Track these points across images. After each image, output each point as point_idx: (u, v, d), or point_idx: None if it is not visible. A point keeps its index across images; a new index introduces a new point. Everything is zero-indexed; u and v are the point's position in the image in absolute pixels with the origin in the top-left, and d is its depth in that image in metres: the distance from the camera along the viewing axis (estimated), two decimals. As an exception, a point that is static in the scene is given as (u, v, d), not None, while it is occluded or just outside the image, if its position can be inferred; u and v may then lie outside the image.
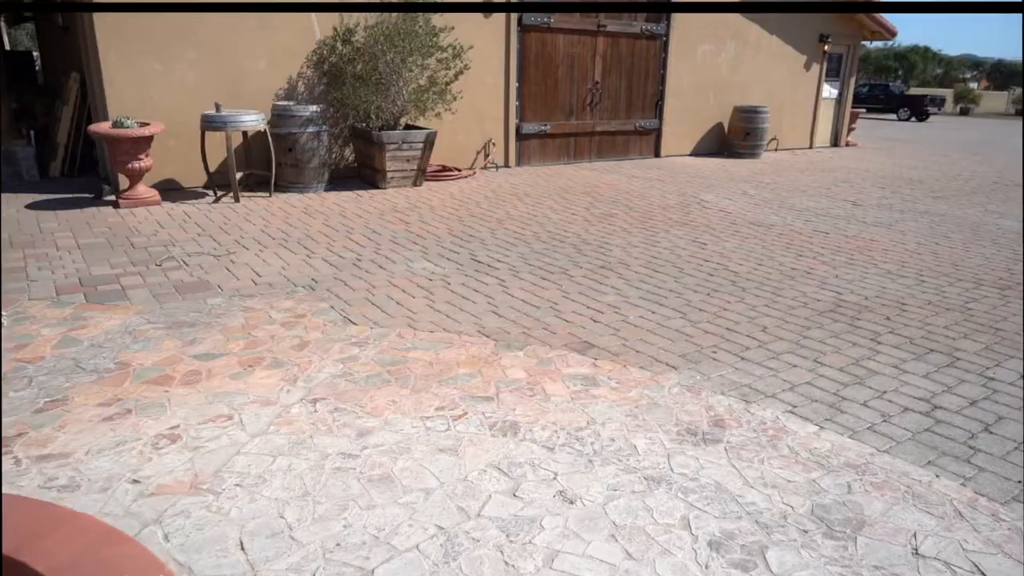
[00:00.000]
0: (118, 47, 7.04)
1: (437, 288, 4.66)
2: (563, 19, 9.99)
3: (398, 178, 8.11)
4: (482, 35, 9.28)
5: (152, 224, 6.18)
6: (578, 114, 10.57)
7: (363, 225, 6.39)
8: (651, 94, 11.33)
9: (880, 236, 6.63)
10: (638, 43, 10.92)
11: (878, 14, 13.45)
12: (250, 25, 7.69)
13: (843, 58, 14.39)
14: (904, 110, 31.78)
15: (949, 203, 8.50)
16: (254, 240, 5.75)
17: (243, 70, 7.76)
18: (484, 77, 9.46)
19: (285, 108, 7.58)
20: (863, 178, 10.43)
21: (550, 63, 10.08)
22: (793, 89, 13.40)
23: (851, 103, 14.84)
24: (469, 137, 9.57)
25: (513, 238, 6.12)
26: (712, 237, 6.40)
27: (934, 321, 4.26)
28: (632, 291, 4.73)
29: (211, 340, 3.61)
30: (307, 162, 7.70)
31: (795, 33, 12.99)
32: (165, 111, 7.37)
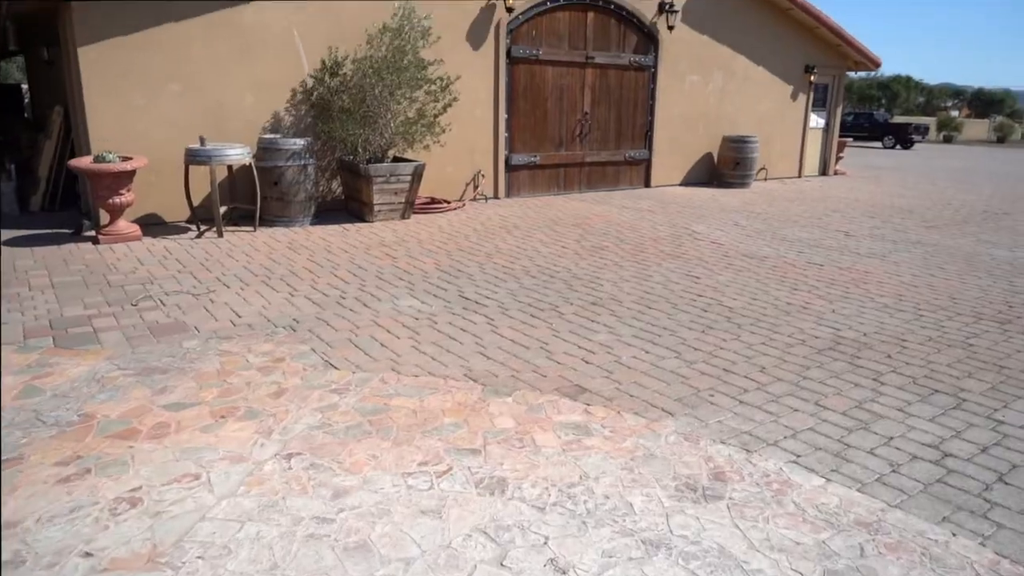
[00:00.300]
0: (101, 81, 6.92)
1: (423, 328, 4.50)
2: (552, 51, 9.99)
3: (386, 211, 7.99)
4: (471, 68, 9.25)
5: (131, 261, 6.00)
6: (568, 145, 10.52)
7: (349, 260, 6.24)
8: (640, 125, 11.32)
9: (874, 268, 6.54)
10: (626, 74, 10.93)
11: (865, 47, 13.58)
12: (235, 57, 7.60)
13: (829, 88, 14.49)
14: (889, 138, 32.16)
15: (941, 233, 8.44)
16: (236, 277, 5.59)
17: (228, 103, 7.66)
18: (473, 109, 9.40)
19: (271, 141, 7.47)
20: (853, 207, 10.39)
21: (539, 95, 10.05)
22: (781, 119, 13.45)
23: (838, 132, 14.92)
24: (458, 169, 9.48)
25: (502, 273, 5.98)
26: (705, 270, 6.28)
27: (936, 359, 4.13)
28: (625, 329, 4.58)
29: (183, 388, 3.42)
30: (293, 196, 7.57)
31: (781, 64, 13.07)
32: (149, 145, 7.24)
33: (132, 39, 7.02)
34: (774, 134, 13.38)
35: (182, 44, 7.29)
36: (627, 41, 10.80)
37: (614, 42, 10.65)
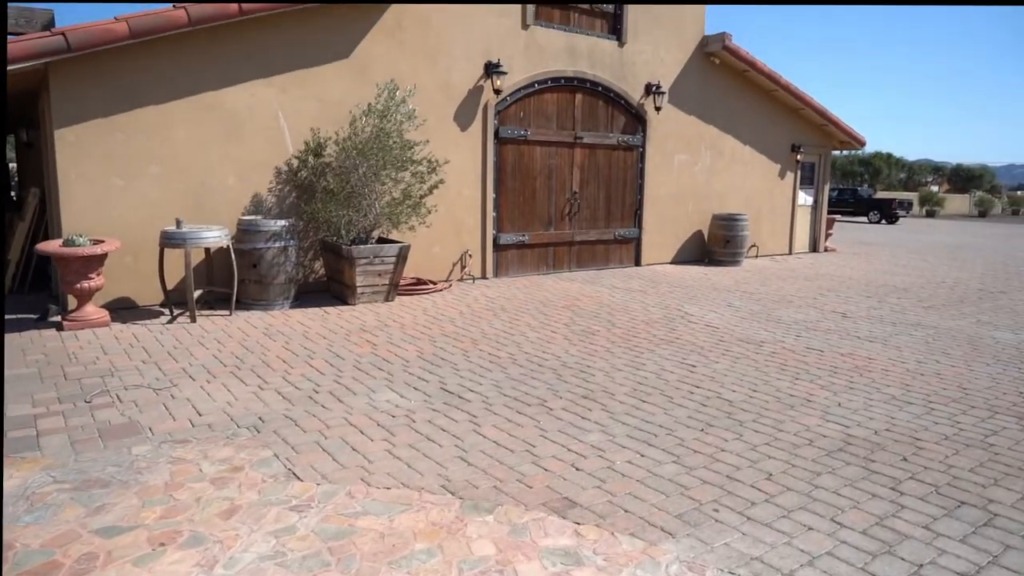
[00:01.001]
0: (78, 163, 6.76)
1: (399, 427, 4.15)
2: (540, 132, 9.99)
3: (369, 293, 7.73)
4: (459, 148, 9.20)
5: (94, 350, 5.66)
6: (557, 224, 10.40)
7: (326, 348, 5.92)
8: (630, 203, 11.26)
9: (876, 353, 6.27)
10: (615, 154, 10.94)
11: (850, 127, 13.78)
12: (219, 139, 7.49)
13: (816, 166, 14.63)
14: (874, 213, 32.61)
15: (940, 314, 8.23)
16: (203, 368, 5.25)
17: (210, 184, 7.50)
18: (461, 189, 9.30)
19: (251, 223, 7.27)
20: (848, 286, 10.23)
21: (528, 174, 10.00)
22: (770, 196, 13.49)
23: (826, 209, 14.97)
24: (445, 249, 9.30)
25: (487, 362, 5.67)
26: (701, 357, 5.99)
27: (957, 463, 3.80)
28: (618, 427, 4.25)
29: (123, 506, 3.04)
30: (272, 278, 7.31)
31: (768, 143, 13.20)
32: (125, 227, 7.02)
33: (112, 120, 6.90)
34: (763, 211, 13.38)
35: (164, 126, 7.18)
36: (615, 121, 10.86)
37: (602, 122, 10.71)
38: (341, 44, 8.11)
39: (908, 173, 68.28)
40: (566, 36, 10.08)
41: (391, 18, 8.42)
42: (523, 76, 9.68)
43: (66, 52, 6.31)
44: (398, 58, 8.53)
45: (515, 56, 9.55)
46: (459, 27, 9.01)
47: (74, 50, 6.34)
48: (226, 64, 7.41)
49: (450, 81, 9.04)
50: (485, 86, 9.34)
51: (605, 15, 10.55)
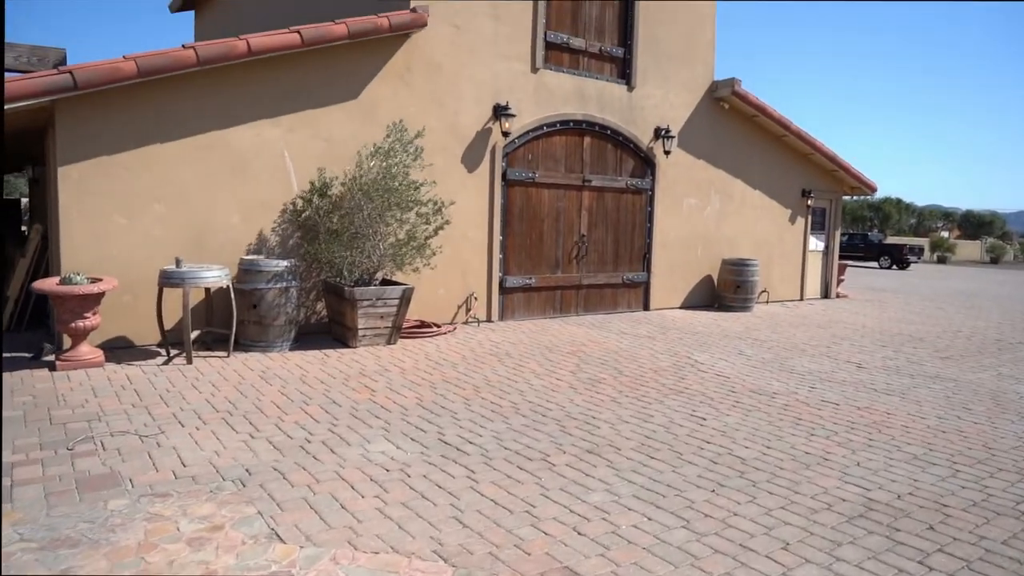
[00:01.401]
0: (80, 201, 6.69)
1: (393, 483, 3.93)
2: (548, 174, 9.93)
3: (370, 336, 7.56)
4: (466, 189, 9.13)
5: (85, 391, 5.50)
6: (564, 267, 10.26)
7: (323, 393, 5.73)
8: (638, 247, 11.12)
9: (895, 407, 6.02)
10: (624, 197, 10.85)
11: (860, 173, 13.69)
12: (224, 178, 7.44)
13: (827, 212, 14.50)
14: (885, 258, 32.42)
15: (959, 365, 7.97)
16: (194, 413, 5.06)
17: (213, 223, 7.42)
18: (467, 231, 9.20)
19: (252, 263, 7.16)
20: (861, 335, 9.98)
21: (535, 217, 9.90)
22: (780, 241, 13.33)
23: (838, 255, 14.78)
24: (450, 291, 9.15)
25: (489, 411, 5.46)
26: (711, 409, 5.76)
27: (988, 533, 3.54)
28: (624, 486, 4.01)
29: (90, 569, 2.84)
30: (272, 319, 7.16)
31: (778, 188, 13.10)
32: (125, 265, 6.92)
33: (116, 158, 6.86)
34: (774, 256, 13.21)
35: (170, 164, 7.13)
36: (624, 165, 10.80)
37: (611, 166, 10.65)
38: (349, 85, 8.11)
39: (918, 219, 68.16)
40: (575, 80, 10.08)
41: (400, 61, 8.44)
42: (532, 119, 9.66)
43: (73, 90, 6.30)
44: (406, 100, 8.52)
45: (524, 99, 9.54)
46: (469, 70, 9.02)
47: (81, 88, 6.32)
48: (233, 103, 7.40)
49: (458, 123, 9.02)
50: (493, 128, 9.31)
51: (614, 59, 10.57)
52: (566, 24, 9.99)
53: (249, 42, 7.07)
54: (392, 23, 7.98)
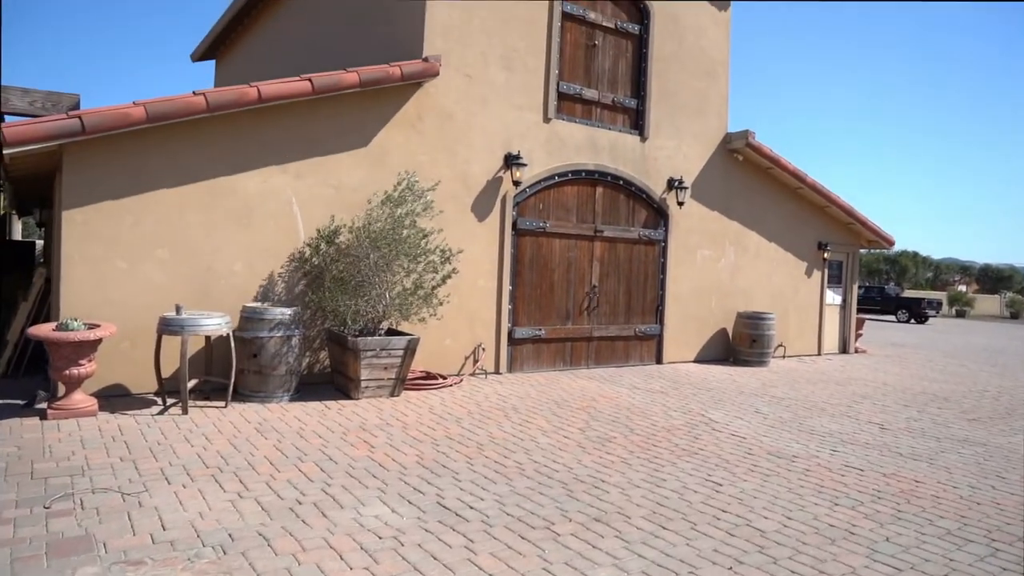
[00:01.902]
0: (83, 245, 6.60)
1: (384, 552, 3.66)
2: (559, 224, 9.80)
3: (373, 388, 7.33)
4: (475, 238, 9.00)
5: (73, 443, 5.29)
6: (575, 318, 10.04)
7: (319, 449, 5.49)
8: (651, 299, 10.90)
9: (923, 474, 5.67)
10: (636, 248, 10.68)
11: (877, 226, 13.48)
12: (230, 224, 7.35)
13: (843, 265, 14.25)
14: (903, 312, 31.93)
15: (988, 428, 7.60)
16: (183, 469, 4.83)
17: (217, 270, 7.30)
18: (476, 280, 9.04)
19: (254, 311, 7.00)
20: (883, 393, 9.62)
21: (545, 267, 9.73)
22: (796, 295, 13.06)
23: (855, 309, 14.46)
24: (457, 341, 8.94)
25: (492, 471, 5.18)
26: (727, 474, 5.44)
27: (1037, 625, 3.21)
28: (633, 560, 3.71)
29: (45, 652, 2.58)
30: (272, 369, 6.97)
31: (794, 241, 12.90)
32: (126, 311, 6.79)
33: (122, 203, 6.79)
34: (790, 310, 12.92)
35: (175, 209, 7.06)
36: (636, 215, 10.67)
37: (623, 216, 10.51)
38: (359, 133, 8.08)
39: (935, 272, 67.56)
40: (588, 130, 10.04)
41: (412, 109, 8.42)
42: (543, 168, 9.58)
43: (81, 134, 6.27)
44: (417, 148, 8.48)
45: (535, 148, 9.48)
46: (480, 119, 9.00)
47: (89, 132, 6.30)
48: (241, 150, 7.36)
49: (469, 172, 8.95)
50: (504, 177, 9.24)
51: (627, 110, 10.54)
52: (579, 75, 10.00)
53: (260, 89, 7.07)
54: (404, 72, 7.99)
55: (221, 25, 15.49)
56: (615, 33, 10.34)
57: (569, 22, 9.84)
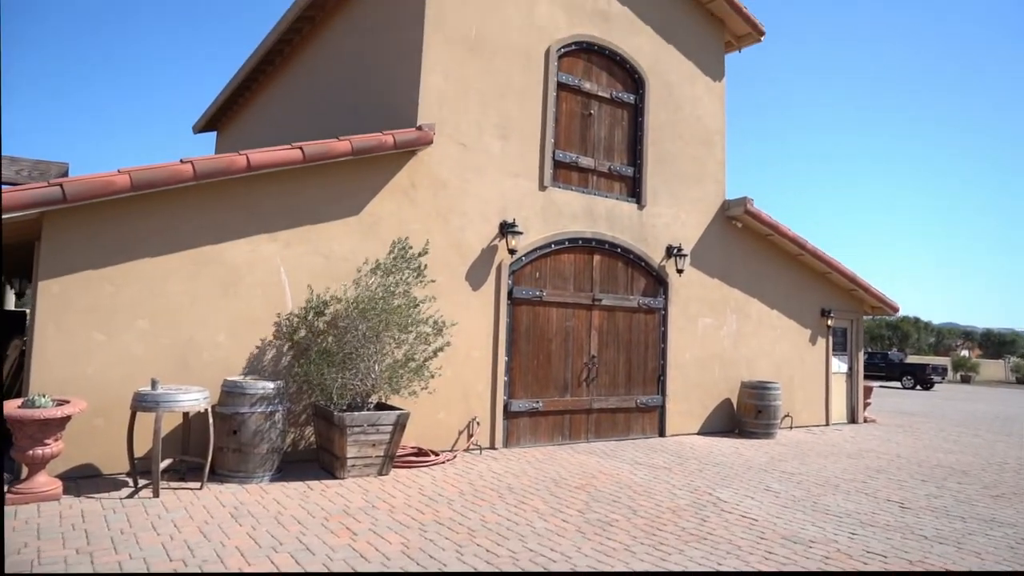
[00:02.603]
0: (59, 316, 6.33)
1: (358, 666, 3.23)
2: (556, 293, 9.56)
3: (360, 466, 6.92)
4: (469, 308, 8.74)
5: (28, 533, 4.87)
6: (573, 390, 9.67)
7: (296, 537, 5.06)
8: (652, 368, 10.55)
9: (952, 560, 5.22)
10: (636, 316, 10.41)
11: (881, 292, 13.26)
12: (215, 293, 7.10)
13: (848, 332, 13.95)
14: (908, 378, 31.42)
15: (1015, 506, 7.14)
16: (143, 563, 4.41)
17: (200, 341, 7.00)
18: (470, 351, 8.72)
19: (235, 385, 6.67)
20: (898, 466, 9.16)
21: (542, 337, 9.43)
22: (801, 363, 12.71)
23: (862, 376, 14.08)
24: (451, 415, 8.55)
25: (483, 562, 4.75)
26: (739, 562, 5.00)
27: None
28: (640, 674, 3.28)
29: None
30: (253, 447, 6.57)
31: (797, 308, 12.65)
32: (101, 385, 6.46)
33: (102, 272, 6.55)
34: (795, 378, 12.55)
35: (158, 279, 6.82)
36: (635, 283, 10.44)
37: (622, 284, 10.29)
38: (351, 201, 7.93)
39: (937, 337, 67.09)
40: (584, 198, 9.93)
41: (405, 177, 8.31)
42: (539, 236, 9.42)
43: (61, 203, 6.09)
44: (410, 216, 8.32)
45: (531, 216, 9.34)
46: (475, 187, 8.88)
47: (70, 201, 6.12)
48: (230, 218, 7.19)
49: (463, 240, 8.77)
50: (500, 246, 9.05)
51: (624, 178, 10.47)
52: (575, 143, 9.96)
53: (249, 157, 6.95)
54: (397, 141, 7.90)
55: (222, 97, 15.70)
56: (610, 102, 10.37)
57: (564, 92, 9.87)
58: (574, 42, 9.95)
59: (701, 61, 11.51)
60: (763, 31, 11.89)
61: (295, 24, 11.77)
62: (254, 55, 13.25)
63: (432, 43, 8.59)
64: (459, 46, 8.84)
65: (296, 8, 11.18)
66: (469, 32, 8.94)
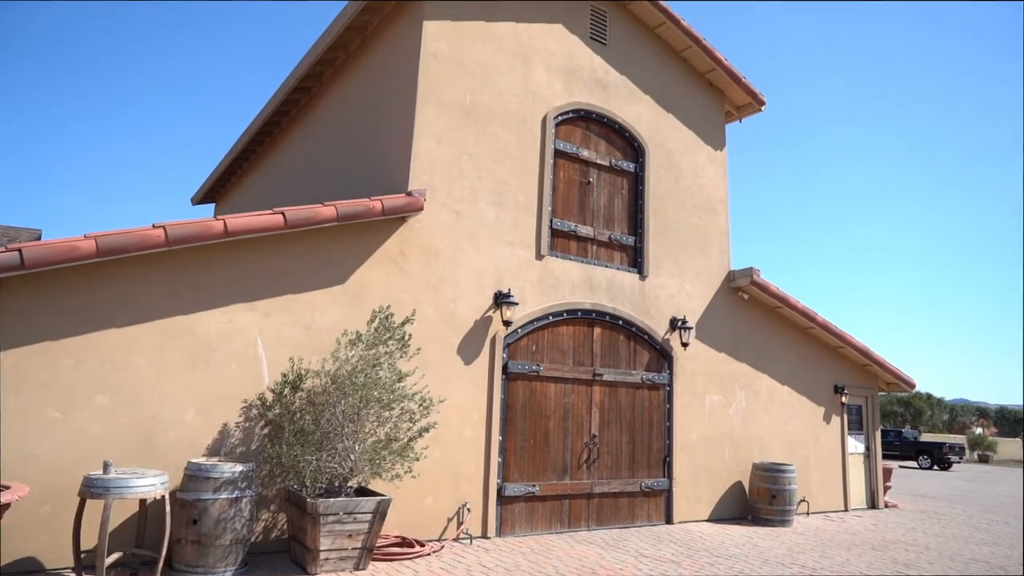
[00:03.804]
0: (11, 392, 5.81)
1: None
2: (554, 367, 9.02)
3: (335, 560, 6.24)
4: (460, 383, 8.19)
5: (-61, 644, 4.21)
6: (573, 473, 8.99)
7: (248, 651, 4.38)
8: (657, 449, 9.88)
9: None
10: (639, 393, 9.82)
11: (896, 368, 12.66)
12: (184, 367, 6.60)
13: (863, 409, 13.27)
14: (924, 458, 30.31)
15: (1066, 612, 6.37)
16: None
17: (164, 418, 6.46)
18: (461, 430, 8.12)
19: (199, 467, 6.07)
20: (929, 560, 8.36)
21: (540, 414, 8.84)
22: (816, 443, 12.00)
23: (881, 457, 13.30)
24: (439, 499, 7.87)
25: None
26: None
27: None
28: None
29: None
30: (215, 538, 5.92)
31: (808, 384, 12.04)
32: (52, 468, 5.88)
33: (62, 344, 6.08)
34: (810, 460, 11.81)
35: (122, 351, 6.33)
36: (638, 357, 9.91)
37: (624, 358, 9.75)
38: (336, 269, 7.53)
39: (950, 414, 65.53)
40: (584, 267, 9.53)
41: (394, 245, 7.93)
42: (536, 307, 8.96)
43: (19, 269, 5.67)
44: (398, 285, 7.89)
45: (527, 286, 8.91)
46: (468, 256, 8.49)
47: (29, 267, 5.71)
48: (204, 286, 6.76)
49: (455, 311, 8.31)
50: (494, 317, 8.59)
51: (625, 248, 10.09)
52: (573, 212, 9.64)
53: (227, 223, 6.58)
54: (385, 206, 7.56)
55: (221, 169, 15.62)
56: (610, 170, 10.12)
57: (562, 159, 9.62)
58: (572, 110, 9.77)
59: (702, 130, 11.34)
60: (764, 101, 11.77)
61: (292, 95, 11.71)
62: (252, 126, 13.19)
63: (425, 108, 8.38)
64: (453, 111, 8.64)
65: (293, 79, 11.13)
66: (464, 98, 8.76)
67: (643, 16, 10.81)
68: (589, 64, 10.11)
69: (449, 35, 8.77)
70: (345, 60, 10.75)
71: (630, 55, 10.62)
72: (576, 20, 10.11)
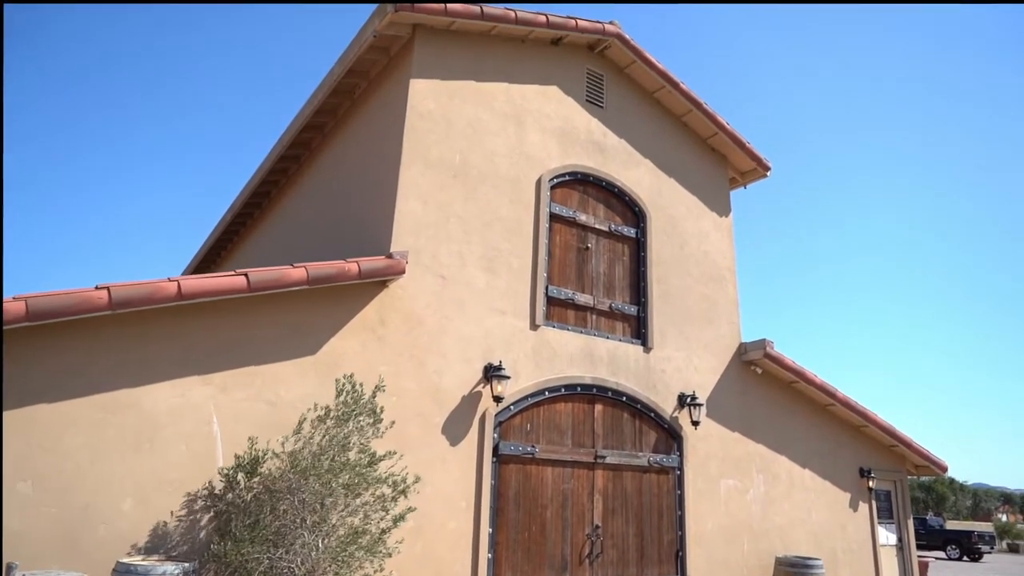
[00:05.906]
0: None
1: None
2: (552, 449, 8.12)
3: None
4: (445, 467, 7.30)
5: None
6: (573, 570, 7.93)
7: None
8: (668, 541, 8.82)
9: None
10: (646, 477, 8.86)
11: (926, 450, 11.66)
12: (126, 448, 5.77)
13: (892, 495, 12.16)
14: (952, 548, 28.47)
15: None
16: None
17: (97, 509, 5.58)
18: (445, 521, 7.17)
19: (128, 568, 5.15)
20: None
21: (536, 502, 7.88)
22: (843, 533, 10.86)
23: (915, 549, 12.07)
24: (419, 604, 6.83)
25: None
26: None
27: None
28: None
29: None
30: (140, 657, 4.94)
31: (831, 466, 11.02)
32: (-49, 570, 4.98)
33: (-19, 423, 5.29)
34: (838, 552, 10.65)
35: (53, 430, 5.53)
36: (644, 438, 9.00)
37: (629, 439, 8.85)
38: (306, 339, 6.79)
39: (973, 499, 62.71)
40: (583, 338, 8.77)
41: (372, 312, 7.23)
42: (531, 382, 8.15)
43: (-68, 335, 4.97)
44: (376, 357, 7.13)
45: (521, 359, 8.14)
46: (456, 325, 7.77)
47: (-56, 333, 5.01)
48: (153, 356, 6.02)
49: (441, 385, 7.51)
50: (483, 392, 7.78)
51: (627, 317, 9.37)
52: (570, 279, 8.97)
53: (180, 284, 5.91)
54: (362, 269, 6.91)
55: (209, 243, 15.16)
56: (609, 236, 9.52)
57: (558, 223, 9.04)
58: (568, 172, 9.28)
59: (706, 196, 10.82)
60: (768, 166, 11.31)
61: (280, 164, 11.32)
62: (238, 199, 12.76)
63: (410, 167, 7.87)
64: (441, 172, 8.12)
65: (280, 147, 10.74)
66: (453, 158, 8.26)
67: (641, 80, 10.50)
68: (586, 126, 9.69)
69: (437, 94, 8.37)
70: (334, 126, 10.39)
71: (629, 118, 10.24)
72: (572, 83, 9.77)
